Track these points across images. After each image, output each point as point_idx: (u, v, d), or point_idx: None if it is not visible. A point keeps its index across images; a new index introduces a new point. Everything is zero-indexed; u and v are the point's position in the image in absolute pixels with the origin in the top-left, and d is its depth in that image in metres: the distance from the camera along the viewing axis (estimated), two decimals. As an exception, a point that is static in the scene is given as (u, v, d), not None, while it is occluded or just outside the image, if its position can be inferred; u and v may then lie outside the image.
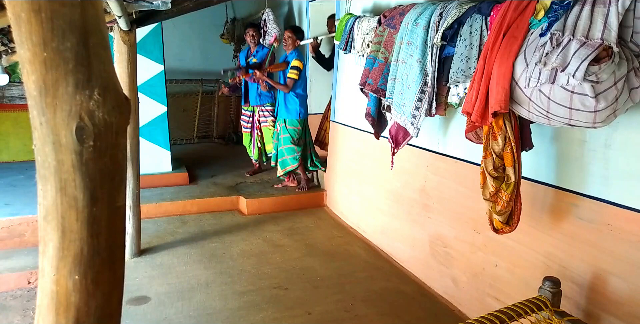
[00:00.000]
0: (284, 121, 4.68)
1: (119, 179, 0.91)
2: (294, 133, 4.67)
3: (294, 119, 4.64)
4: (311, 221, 4.37)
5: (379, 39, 2.95)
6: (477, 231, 2.67)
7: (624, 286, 1.88)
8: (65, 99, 0.81)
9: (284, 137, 4.68)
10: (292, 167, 4.72)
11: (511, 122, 1.95)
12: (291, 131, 4.66)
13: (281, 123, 4.70)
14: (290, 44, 4.57)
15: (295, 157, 4.70)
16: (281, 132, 4.70)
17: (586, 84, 1.52)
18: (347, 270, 3.36)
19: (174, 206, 4.46)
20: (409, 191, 3.30)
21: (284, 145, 4.68)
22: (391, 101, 2.76)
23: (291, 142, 4.66)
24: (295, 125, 4.67)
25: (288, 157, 4.70)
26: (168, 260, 3.49)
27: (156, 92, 4.87)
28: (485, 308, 2.53)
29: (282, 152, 4.71)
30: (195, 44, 7.46)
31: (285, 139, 4.68)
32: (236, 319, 2.72)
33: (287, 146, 4.67)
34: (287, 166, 4.73)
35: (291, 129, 4.66)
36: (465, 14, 2.28)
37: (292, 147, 4.67)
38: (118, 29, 2.94)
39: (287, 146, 4.67)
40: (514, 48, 1.79)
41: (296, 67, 4.52)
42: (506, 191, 2.01)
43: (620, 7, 1.53)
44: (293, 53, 4.59)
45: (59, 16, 0.77)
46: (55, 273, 0.88)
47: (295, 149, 4.67)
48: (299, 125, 4.68)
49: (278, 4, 6.12)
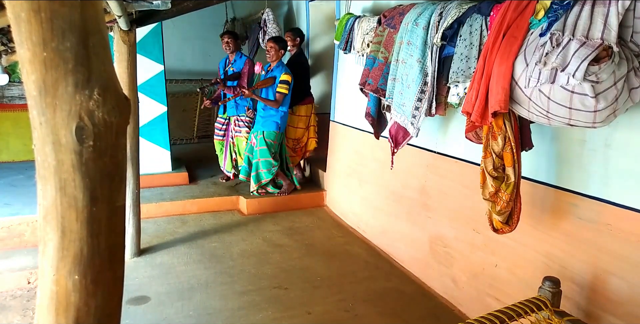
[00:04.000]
0: (262, 133, 4.46)
1: (118, 179, 0.91)
2: (272, 146, 4.48)
3: (273, 131, 4.46)
4: (311, 221, 4.37)
5: (379, 39, 2.95)
6: (477, 231, 2.67)
7: (624, 286, 1.88)
8: (65, 99, 0.81)
9: (260, 150, 4.47)
10: (265, 181, 4.54)
11: (511, 122, 1.95)
12: (269, 144, 4.48)
13: (259, 135, 4.48)
14: (273, 55, 4.41)
15: (271, 171, 4.50)
16: (258, 144, 4.48)
17: (586, 84, 1.52)
18: (347, 270, 3.36)
19: (174, 206, 4.45)
20: (409, 191, 3.30)
21: (261, 157, 4.49)
22: (391, 101, 2.76)
23: (269, 155, 4.47)
24: (273, 138, 4.47)
25: (263, 171, 4.51)
26: (168, 260, 3.49)
27: (156, 92, 4.87)
28: (485, 307, 2.53)
29: (257, 165, 4.52)
30: (195, 44, 7.45)
31: (262, 152, 4.47)
32: (236, 319, 2.72)
33: (264, 159, 4.48)
34: (262, 180, 4.54)
35: (270, 142, 4.46)
36: (465, 13, 2.28)
37: (269, 161, 4.48)
38: (118, 28, 2.94)
39: (263, 159, 4.48)
40: (513, 48, 1.79)
41: (285, 81, 4.35)
42: (506, 190, 2.01)
43: (620, 7, 1.53)
44: (280, 67, 4.42)
45: (59, 16, 0.77)
46: (55, 273, 0.88)
47: (271, 163, 4.48)
48: (276, 138, 4.49)
49: (278, 4, 6.11)
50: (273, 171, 4.52)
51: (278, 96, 4.38)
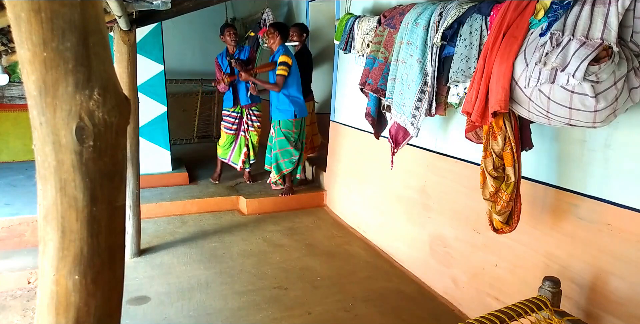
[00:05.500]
0: (278, 123, 4.42)
1: (118, 179, 0.91)
2: (290, 135, 4.42)
3: (288, 119, 4.38)
4: (311, 221, 4.37)
5: (379, 39, 2.95)
6: (477, 230, 2.67)
7: (624, 286, 1.88)
8: (65, 99, 0.81)
9: (279, 141, 4.44)
10: (287, 170, 4.53)
11: (511, 122, 1.95)
12: (287, 134, 4.42)
13: (276, 125, 4.44)
14: (271, 39, 4.30)
15: (292, 161, 4.48)
16: (276, 135, 4.45)
17: (586, 84, 1.52)
18: (347, 270, 3.36)
19: (174, 206, 4.45)
20: (409, 191, 3.30)
21: (280, 148, 4.46)
22: (391, 101, 2.76)
23: (288, 145, 4.43)
24: (290, 127, 4.40)
25: (283, 161, 4.49)
26: (168, 260, 3.49)
27: (156, 92, 4.87)
28: (485, 307, 2.53)
29: (276, 155, 4.50)
30: (195, 44, 7.46)
31: (280, 142, 4.45)
32: (236, 319, 2.72)
33: (283, 149, 4.45)
34: (283, 170, 4.54)
35: (286, 131, 4.41)
36: (465, 13, 2.28)
37: (288, 150, 4.45)
38: (118, 28, 2.94)
39: (283, 149, 4.46)
40: (514, 48, 1.79)
41: (284, 62, 4.20)
42: (506, 190, 2.01)
43: (620, 7, 1.53)
44: (280, 50, 4.29)
45: (59, 16, 0.77)
46: (55, 273, 0.88)
47: (292, 152, 4.45)
48: (294, 127, 4.41)
49: (278, 4, 6.11)
50: (294, 159, 4.50)
51: (278, 79, 4.24)
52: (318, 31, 5.39)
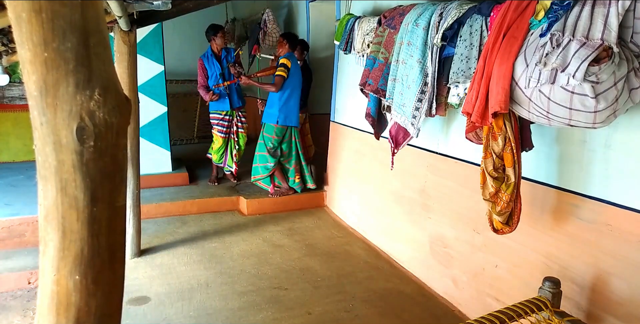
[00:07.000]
0: (263, 125, 4.43)
1: (119, 179, 0.92)
2: (269, 141, 4.38)
3: (271, 123, 4.36)
4: (311, 221, 4.37)
5: (379, 40, 2.95)
6: (477, 231, 2.67)
7: (624, 287, 1.88)
8: (66, 99, 0.81)
9: (259, 143, 4.45)
10: (261, 177, 4.50)
11: (511, 122, 1.95)
12: (266, 138, 4.39)
13: (262, 127, 4.45)
14: (280, 48, 4.39)
15: (267, 167, 4.42)
16: (260, 137, 4.46)
17: (586, 85, 1.52)
18: (347, 270, 3.36)
19: (174, 206, 4.45)
20: (409, 191, 3.30)
21: (258, 151, 4.46)
22: (391, 101, 2.76)
23: (264, 150, 4.39)
24: (271, 132, 4.36)
25: (259, 166, 4.46)
26: (168, 260, 3.49)
27: (156, 92, 4.87)
28: (485, 308, 2.53)
29: (255, 158, 4.50)
30: (195, 44, 7.44)
31: (259, 145, 4.44)
32: (236, 320, 2.72)
33: (260, 153, 4.44)
34: (257, 175, 4.51)
35: (266, 136, 4.39)
36: (465, 14, 2.28)
37: (264, 155, 4.41)
38: (118, 29, 2.94)
39: (259, 153, 4.44)
40: (514, 48, 1.79)
41: (283, 64, 4.25)
42: (506, 191, 2.01)
43: (620, 7, 1.53)
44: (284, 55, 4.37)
45: (60, 16, 0.77)
46: (56, 273, 0.88)
47: (267, 158, 4.40)
48: (274, 133, 4.35)
49: (278, 5, 6.12)
50: (269, 166, 4.43)
51: (277, 79, 4.26)
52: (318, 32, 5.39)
